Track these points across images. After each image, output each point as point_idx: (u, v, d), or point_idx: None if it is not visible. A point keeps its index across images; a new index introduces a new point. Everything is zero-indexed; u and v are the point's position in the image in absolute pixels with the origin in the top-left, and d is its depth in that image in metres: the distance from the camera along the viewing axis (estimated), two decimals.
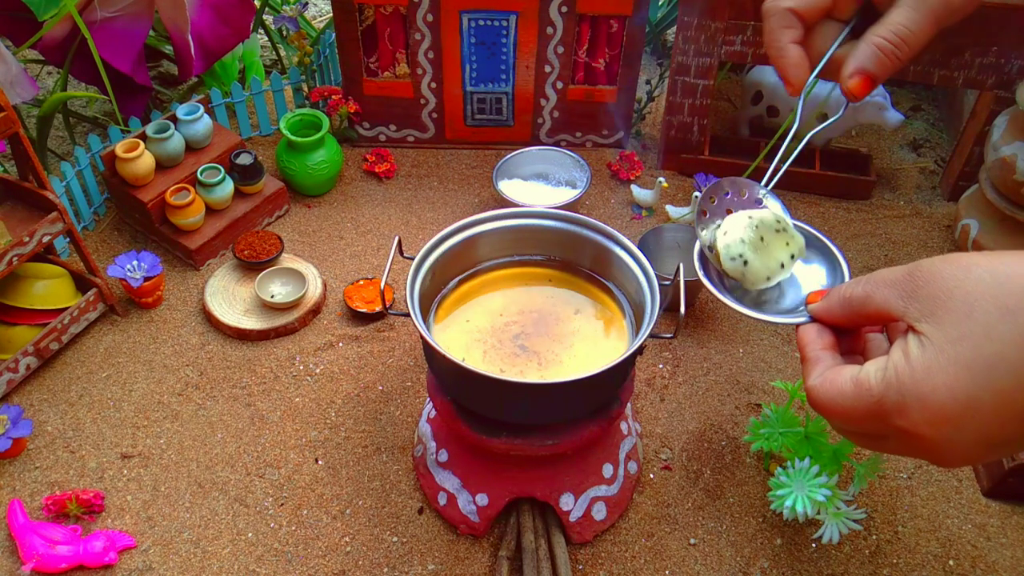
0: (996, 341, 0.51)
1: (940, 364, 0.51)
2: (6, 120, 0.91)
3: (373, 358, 1.05)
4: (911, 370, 0.52)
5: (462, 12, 1.22)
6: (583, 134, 1.38)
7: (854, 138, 1.45)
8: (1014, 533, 0.87)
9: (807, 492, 0.75)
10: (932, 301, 0.52)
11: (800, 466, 0.77)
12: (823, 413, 0.54)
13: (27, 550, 0.83)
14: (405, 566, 0.84)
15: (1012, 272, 0.53)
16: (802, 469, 0.76)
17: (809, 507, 0.74)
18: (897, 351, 0.53)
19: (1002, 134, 1.08)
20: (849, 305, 0.55)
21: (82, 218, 1.20)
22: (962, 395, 0.52)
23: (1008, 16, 1.08)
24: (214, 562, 0.84)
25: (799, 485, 0.76)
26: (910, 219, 1.27)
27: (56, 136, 1.45)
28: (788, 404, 0.87)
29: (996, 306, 0.51)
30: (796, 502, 0.75)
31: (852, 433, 0.55)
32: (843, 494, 0.77)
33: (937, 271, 0.53)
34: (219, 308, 1.09)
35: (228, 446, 0.95)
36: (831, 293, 0.57)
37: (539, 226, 0.86)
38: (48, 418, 0.98)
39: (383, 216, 1.27)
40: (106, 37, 1.18)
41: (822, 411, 0.53)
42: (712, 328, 1.10)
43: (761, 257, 0.71)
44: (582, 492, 0.84)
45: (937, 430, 0.53)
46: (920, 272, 0.53)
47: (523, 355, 0.79)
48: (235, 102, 1.34)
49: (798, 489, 0.75)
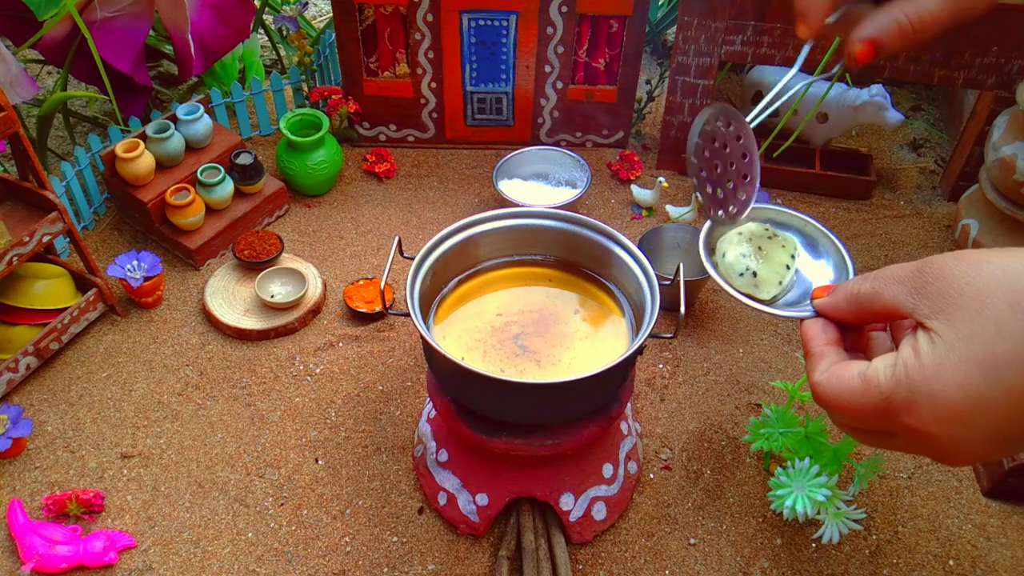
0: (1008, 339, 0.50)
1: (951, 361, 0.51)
2: (6, 120, 0.91)
3: (373, 358, 1.05)
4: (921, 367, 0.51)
5: (462, 12, 1.22)
6: (583, 134, 1.38)
7: (854, 138, 1.45)
8: (1014, 533, 0.87)
9: (807, 492, 0.75)
10: (942, 298, 0.51)
11: (800, 466, 0.77)
12: (828, 409, 0.53)
13: (27, 550, 0.83)
14: (405, 566, 0.84)
15: None
16: (802, 469, 0.76)
17: (809, 507, 0.74)
18: (907, 348, 0.52)
19: (1002, 134, 1.08)
20: (856, 301, 0.54)
21: (82, 218, 1.20)
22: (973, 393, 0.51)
23: (1008, 16, 1.08)
24: (214, 562, 0.84)
25: (799, 485, 0.76)
26: (910, 219, 1.27)
27: (56, 136, 1.45)
28: (788, 404, 0.87)
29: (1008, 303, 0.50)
30: (796, 502, 0.75)
31: (857, 430, 0.54)
32: (843, 494, 0.77)
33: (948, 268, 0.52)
34: (219, 308, 1.09)
35: (228, 446, 0.95)
36: (837, 289, 0.56)
37: (539, 226, 0.86)
38: (48, 418, 0.98)
39: (383, 216, 1.27)
40: (106, 37, 1.18)
41: (828, 406, 0.53)
42: (712, 328, 1.10)
43: (766, 265, 0.73)
44: (582, 492, 0.84)
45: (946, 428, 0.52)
46: (930, 269, 0.52)
47: (523, 355, 0.79)
48: (235, 102, 1.34)
49: (798, 489, 0.75)
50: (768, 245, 0.75)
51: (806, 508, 0.74)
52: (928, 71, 1.16)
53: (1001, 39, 1.10)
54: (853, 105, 1.24)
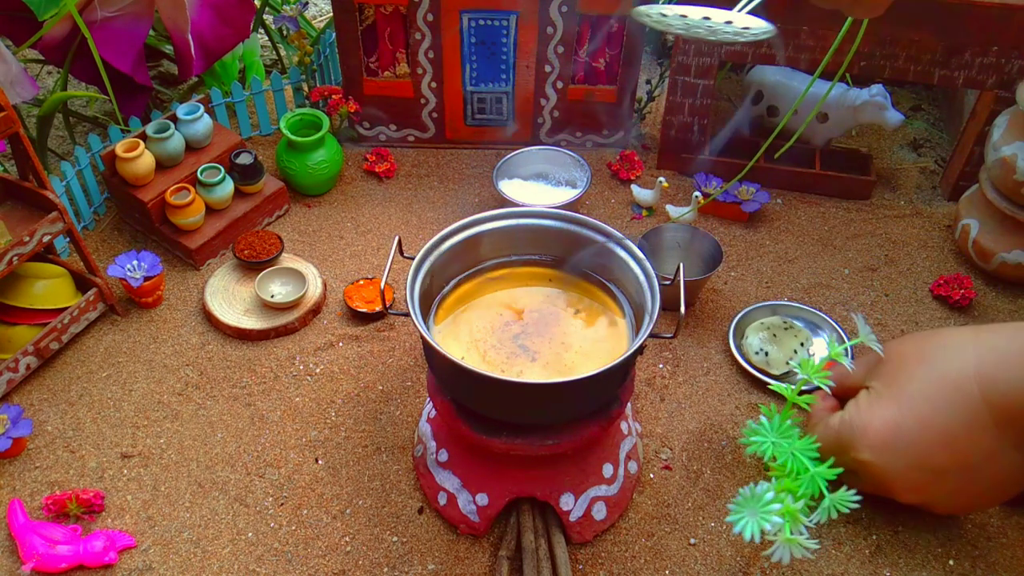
0: (916, 380, 0.74)
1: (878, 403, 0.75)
2: (6, 120, 0.91)
3: (373, 358, 1.05)
4: (859, 411, 0.77)
5: (462, 12, 1.22)
6: (583, 134, 1.38)
7: (854, 138, 1.45)
8: (1014, 533, 0.87)
9: (759, 518, 0.73)
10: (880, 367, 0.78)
11: (759, 491, 0.74)
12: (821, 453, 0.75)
13: (27, 550, 0.83)
14: (405, 566, 0.84)
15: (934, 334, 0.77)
16: (757, 495, 0.74)
17: (757, 534, 0.72)
18: (852, 403, 0.79)
19: (1002, 134, 1.08)
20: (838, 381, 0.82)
21: (82, 218, 1.20)
22: (891, 422, 0.73)
23: (1008, 16, 1.08)
24: (214, 562, 0.84)
25: (751, 511, 0.73)
26: (910, 219, 1.27)
27: (56, 136, 1.45)
28: (786, 409, 0.86)
29: (918, 359, 0.75)
30: (746, 528, 0.73)
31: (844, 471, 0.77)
32: (805, 520, 0.75)
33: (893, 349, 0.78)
34: (219, 308, 1.09)
35: (228, 446, 0.95)
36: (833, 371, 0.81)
37: (539, 226, 0.86)
38: (48, 418, 0.98)
39: (383, 216, 1.27)
40: (106, 37, 1.18)
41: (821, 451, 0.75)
42: (712, 328, 1.10)
43: (776, 348, 1.01)
44: (582, 492, 0.84)
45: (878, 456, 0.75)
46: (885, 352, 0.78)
47: (523, 355, 0.79)
48: (235, 102, 1.34)
49: (750, 515, 0.73)
50: (782, 334, 1.03)
51: (754, 535, 0.72)
52: (928, 71, 1.16)
53: (1001, 39, 1.10)
54: (853, 105, 1.24)
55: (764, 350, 1.00)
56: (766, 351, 0.99)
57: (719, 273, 1.16)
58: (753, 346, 1.01)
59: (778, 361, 1.00)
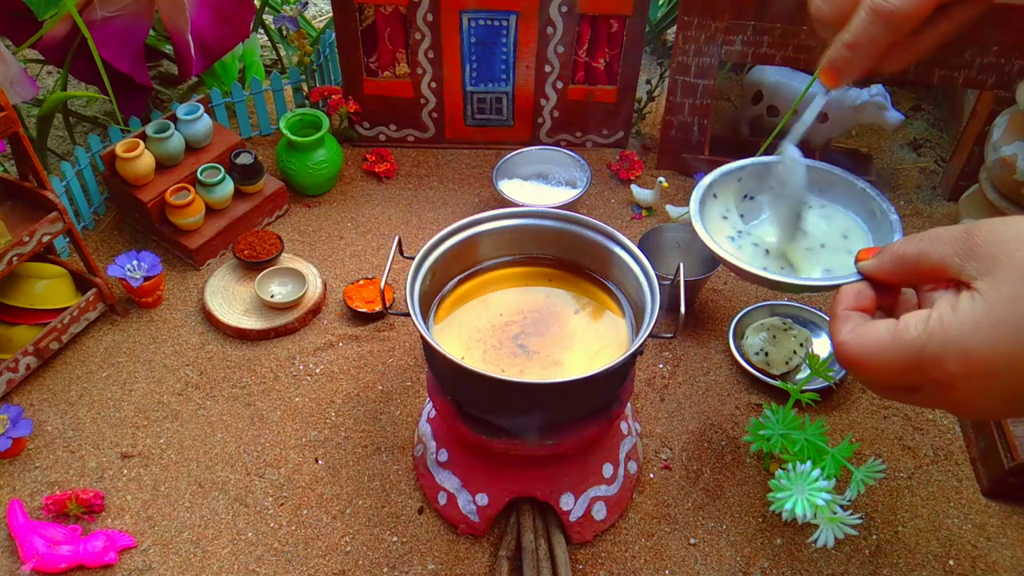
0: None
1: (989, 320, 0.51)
2: (6, 120, 0.91)
3: (373, 358, 1.05)
4: (959, 323, 0.51)
5: (462, 12, 1.22)
6: (583, 134, 1.37)
7: (854, 138, 1.45)
8: (1014, 533, 0.87)
9: (807, 495, 0.75)
10: (991, 260, 0.51)
11: (802, 469, 0.77)
12: (855, 366, 0.54)
13: (27, 550, 0.83)
14: (405, 566, 0.84)
15: None
16: (803, 472, 0.76)
17: (808, 510, 0.75)
18: (944, 304, 0.52)
19: (1002, 134, 1.08)
20: (902, 262, 0.55)
21: (82, 218, 1.20)
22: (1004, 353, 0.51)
23: (1008, 16, 1.08)
24: (214, 562, 0.84)
25: (799, 488, 0.76)
26: (910, 219, 1.27)
27: (56, 136, 1.45)
28: (789, 405, 0.87)
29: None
30: (796, 505, 0.75)
31: (882, 386, 0.55)
32: (840, 498, 0.77)
33: (999, 232, 0.52)
34: (219, 308, 1.09)
35: (228, 446, 0.95)
36: (883, 251, 0.57)
37: (539, 226, 0.86)
38: (48, 418, 0.98)
39: (383, 216, 1.27)
40: (106, 37, 1.18)
41: (854, 363, 0.53)
42: (712, 328, 1.10)
43: (776, 349, 1.00)
44: (582, 492, 0.84)
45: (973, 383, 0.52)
46: (979, 231, 0.52)
47: (523, 355, 0.79)
48: (235, 102, 1.34)
49: (798, 492, 0.75)
50: (782, 336, 1.01)
51: (805, 511, 0.74)
52: (928, 71, 1.16)
53: (1001, 39, 1.10)
54: (853, 105, 1.24)
55: (764, 350, 1.00)
56: (766, 351, 1.00)
57: (719, 273, 1.16)
58: (753, 346, 1.01)
59: (778, 361, 1.00)
